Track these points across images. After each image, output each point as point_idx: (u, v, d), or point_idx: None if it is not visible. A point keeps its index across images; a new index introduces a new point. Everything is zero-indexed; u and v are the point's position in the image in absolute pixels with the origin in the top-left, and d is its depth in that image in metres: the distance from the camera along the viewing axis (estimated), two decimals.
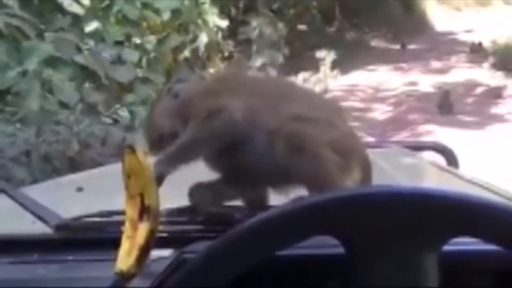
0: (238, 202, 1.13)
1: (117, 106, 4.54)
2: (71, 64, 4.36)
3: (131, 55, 5.19)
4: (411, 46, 15.18)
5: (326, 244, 0.72)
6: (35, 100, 4.05)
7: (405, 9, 17.20)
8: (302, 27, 13.28)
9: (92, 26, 4.91)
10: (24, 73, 4.19)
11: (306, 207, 0.61)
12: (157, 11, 5.83)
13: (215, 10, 7.83)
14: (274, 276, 0.81)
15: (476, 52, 13.39)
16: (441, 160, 2.23)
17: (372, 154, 1.19)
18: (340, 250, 0.65)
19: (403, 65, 13.09)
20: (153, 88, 5.12)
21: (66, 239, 1.03)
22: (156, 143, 1.12)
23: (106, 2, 5.38)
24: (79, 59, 4.38)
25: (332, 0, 14.84)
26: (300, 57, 11.37)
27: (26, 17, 4.36)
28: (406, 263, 0.62)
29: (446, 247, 0.65)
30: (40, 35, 4.48)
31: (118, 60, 4.99)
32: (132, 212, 0.90)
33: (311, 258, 0.76)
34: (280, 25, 9.74)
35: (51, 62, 4.32)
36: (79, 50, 4.46)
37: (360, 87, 11.43)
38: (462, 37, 15.86)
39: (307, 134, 1.02)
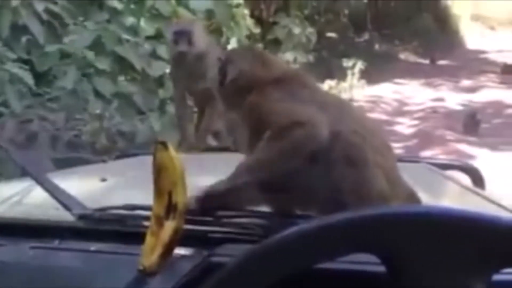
0: (265, 208, 1.11)
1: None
2: (111, 55, 4.38)
3: (165, 51, 5.21)
4: (441, 62, 14.99)
5: (366, 261, 0.69)
6: (70, 84, 4.05)
7: (438, 24, 16.99)
8: (331, 34, 13.20)
9: (129, 20, 4.93)
10: (64, 56, 4.21)
11: (351, 221, 0.59)
12: (190, 9, 5.85)
13: (246, 12, 7.82)
14: None
15: (507, 73, 13.15)
16: (466, 179, 2.18)
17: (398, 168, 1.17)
18: (381, 268, 0.63)
19: (432, 80, 12.92)
20: None
21: (88, 228, 1.02)
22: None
23: None
24: (120, 50, 4.39)
25: (364, 10, 14.76)
26: (327, 65, 11.30)
27: (66, 6, 4.40)
28: None
29: (498, 276, 0.61)
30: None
31: (153, 55, 4.99)
32: (159, 209, 0.89)
33: (350, 274, 0.74)
34: (310, 29, 9.68)
35: (92, 49, 4.34)
36: (119, 41, 4.47)
37: (387, 100, 11.31)
38: (494, 56, 15.60)
39: (365, 151, 1.01)
